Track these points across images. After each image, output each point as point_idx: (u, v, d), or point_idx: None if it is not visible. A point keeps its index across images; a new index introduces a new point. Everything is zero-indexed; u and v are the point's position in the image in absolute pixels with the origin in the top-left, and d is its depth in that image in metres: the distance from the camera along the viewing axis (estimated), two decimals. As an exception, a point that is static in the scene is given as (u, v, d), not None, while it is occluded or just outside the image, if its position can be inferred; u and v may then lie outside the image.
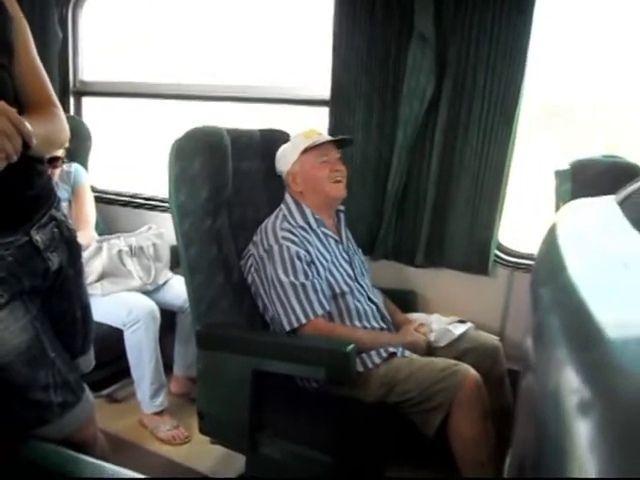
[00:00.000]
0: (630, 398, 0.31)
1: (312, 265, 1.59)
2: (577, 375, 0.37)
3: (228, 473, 1.80)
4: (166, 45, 2.64)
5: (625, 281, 0.49)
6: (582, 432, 0.31)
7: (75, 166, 2.31)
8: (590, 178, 1.22)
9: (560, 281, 0.52)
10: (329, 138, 1.71)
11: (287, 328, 1.56)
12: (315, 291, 1.55)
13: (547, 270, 0.61)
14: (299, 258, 1.56)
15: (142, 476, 0.95)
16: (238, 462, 1.75)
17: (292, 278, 1.55)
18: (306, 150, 1.69)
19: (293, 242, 1.59)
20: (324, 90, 2.07)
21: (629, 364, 0.34)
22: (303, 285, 1.54)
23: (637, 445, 0.28)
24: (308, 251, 1.59)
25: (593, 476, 0.28)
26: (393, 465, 1.70)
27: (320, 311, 1.55)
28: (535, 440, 0.42)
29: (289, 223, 1.65)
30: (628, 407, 0.31)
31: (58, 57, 2.59)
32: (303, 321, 1.54)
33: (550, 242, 0.68)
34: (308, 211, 1.69)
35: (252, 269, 1.65)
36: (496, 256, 1.96)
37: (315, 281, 1.56)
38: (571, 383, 0.36)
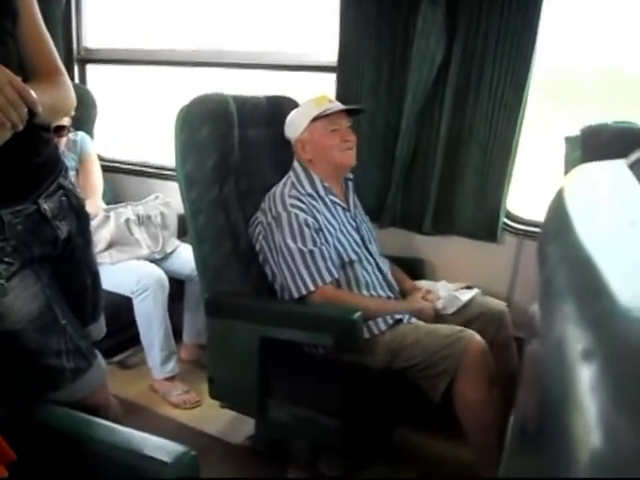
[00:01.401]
0: (633, 343, 0.32)
1: (320, 232, 1.59)
2: (581, 324, 0.37)
3: (238, 435, 1.85)
4: (171, 11, 2.59)
5: (632, 238, 0.49)
6: (584, 377, 0.31)
7: (81, 135, 2.30)
8: (600, 144, 1.21)
9: (567, 239, 0.53)
10: (341, 107, 1.67)
11: (295, 295, 1.57)
12: (323, 258, 1.56)
13: (554, 229, 0.61)
14: (307, 225, 1.56)
15: (155, 437, 0.97)
16: (247, 425, 1.80)
17: (300, 245, 1.55)
18: (316, 118, 1.66)
19: (301, 209, 1.58)
20: (331, 56, 2.03)
21: (633, 314, 0.35)
22: (311, 252, 1.55)
23: (638, 386, 0.28)
24: (316, 218, 1.59)
25: (593, 419, 0.28)
26: (400, 428, 1.73)
27: (328, 278, 1.56)
28: (539, 391, 0.42)
29: (297, 191, 1.64)
30: (630, 351, 0.31)
31: (61, 23, 2.56)
32: (311, 288, 1.55)
33: (558, 203, 0.67)
34: (317, 179, 1.69)
35: (260, 236, 1.65)
36: (504, 224, 1.95)
37: (323, 248, 1.57)
38: (575, 332, 0.37)
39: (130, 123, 2.93)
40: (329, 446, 1.66)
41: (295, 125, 1.71)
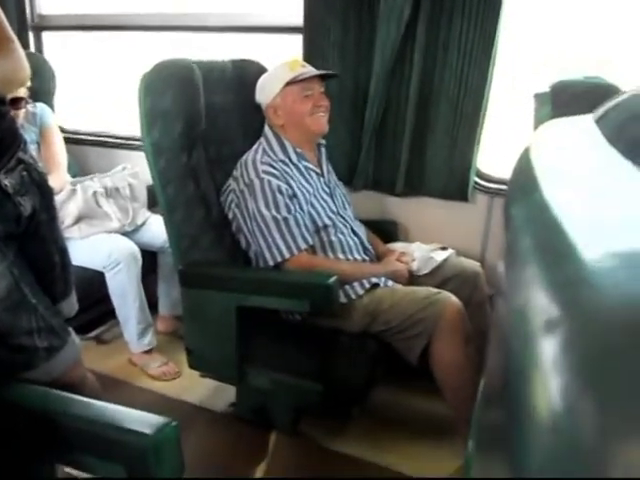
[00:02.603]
0: (598, 313, 0.30)
1: (294, 199, 1.57)
2: (546, 293, 0.35)
3: (219, 403, 1.86)
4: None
5: (598, 197, 0.47)
6: (546, 351, 0.30)
7: (40, 106, 2.21)
8: (570, 100, 1.20)
9: (532, 199, 0.51)
10: (314, 72, 1.63)
11: (270, 263, 1.56)
12: (298, 225, 1.55)
13: (520, 189, 0.60)
14: (280, 192, 1.55)
15: (134, 410, 0.97)
16: (228, 393, 1.81)
17: (274, 212, 1.53)
18: (289, 83, 1.62)
19: (274, 176, 1.56)
20: (296, 17, 1.98)
21: (600, 279, 0.33)
22: (285, 219, 1.54)
23: (602, 362, 0.27)
24: (289, 185, 1.57)
25: (554, 395, 0.27)
26: (378, 387, 1.77)
27: (303, 245, 1.55)
28: (501, 362, 0.41)
29: (269, 157, 1.62)
30: (595, 323, 0.30)
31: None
32: (287, 256, 1.54)
33: (524, 162, 0.66)
34: (289, 145, 1.66)
35: (233, 204, 1.63)
36: (475, 183, 1.96)
37: (297, 215, 1.56)
38: (539, 301, 0.35)
39: (91, 92, 2.83)
40: (310, 408, 1.69)
41: (267, 90, 1.67)
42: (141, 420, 0.93)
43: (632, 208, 0.43)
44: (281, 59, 1.69)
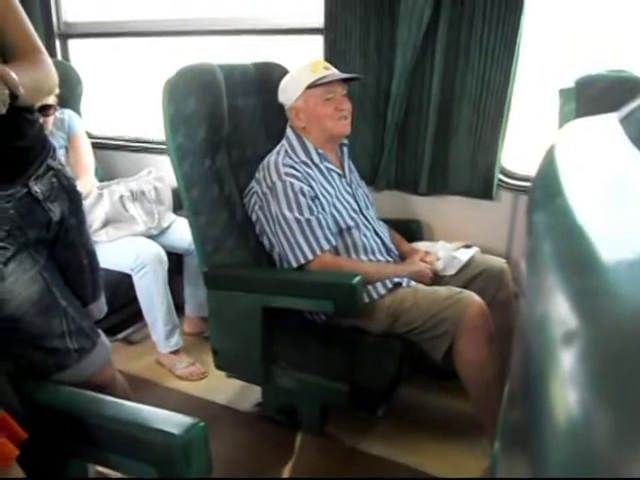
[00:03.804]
0: (616, 324, 0.30)
1: (316, 200, 1.58)
2: (565, 302, 0.35)
3: (246, 403, 1.88)
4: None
5: (623, 204, 0.46)
6: (564, 363, 0.30)
7: (68, 112, 2.26)
8: (595, 95, 1.18)
9: (555, 205, 0.50)
10: (337, 76, 1.62)
11: (294, 264, 1.57)
12: (320, 226, 1.55)
13: (543, 193, 0.59)
14: (303, 194, 1.55)
15: (162, 410, 0.98)
16: (254, 393, 1.83)
17: (297, 214, 1.54)
18: (310, 86, 1.62)
19: (296, 177, 1.57)
20: (317, 18, 1.98)
21: (622, 289, 0.32)
22: (308, 221, 1.54)
23: (617, 375, 0.27)
24: (311, 186, 1.58)
25: (572, 408, 0.27)
26: (403, 388, 1.76)
27: (326, 246, 1.56)
28: (522, 370, 0.41)
29: (291, 159, 1.63)
30: (614, 335, 0.29)
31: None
32: (310, 257, 1.55)
33: (547, 164, 0.65)
34: (311, 146, 1.66)
35: (256, 207, 1.64)
36: (500, 180, 1.94)
37: (320, 216, 1.56)
38: (558, 311, 0.35)
39: (118, 97, 2.88)
40: (336, 408, 1.70)
41: (289, 92, 1.67)
42: (169, 420, 0.94)
43: None
44: (303, 60, 1.70)
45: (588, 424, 0.25)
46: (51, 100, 2.05)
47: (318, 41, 2.01)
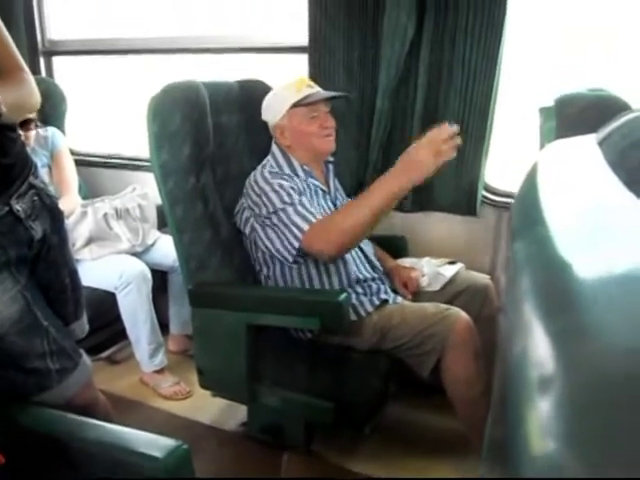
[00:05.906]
0: (597, 370, 0.29)
1: (303, 197, 1.55)
2: (543, 343, 0.34)
3: (231, 423, 1.86)
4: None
5: (603, 234, 0.46)
6: (542, 409, 0.29)
7: (52, 130, 2.25)
8: (575, 115, 1.20)
9: (535, 233, 0.49)
10: (321, 95, 1.62)
11: (295, 244, 1.49)
12: (310, 204, 1.53)
13: (523, 221, 0.58)
14: (292, 189, 1.53)
15: (145, 433, 0.97)
16: (240, 412, 1.81)
17: (287, 199, 1.51)
18: (295, 105, 1.61)
19: (284, 179, 1.56)
20: (301, 36, 2.00)
21: (602, 329, 0.32)
22: (300, 200, 1.51)
23: (593, 425, 0.26)
24: (298, 187, 1.56)
25: (550, 455, 0.26)
26: (390, 405, 1.75)
27: (312, 219, 1.48)
28: (502, 409, 0.40)
29: (277, 173, 1.62)
30: (592, 381, 0.29)
31: (23, 16, 2.48)
32: (305, 227, 1.47)
33: (527, 189, 0.65)
34: (296, 163, 1.66)
35: (251, 219, 1.61)
36: (484, 196, 1.96)
37: (306, 198, 1.55)
38: (536, 352, 0.33)
39: (101, 115, 2.87)
40: (322, 426, 1.68)
41: (273, 110, 1.67)
42: (152, 443, 0.93)
43: (633, 253, 0.41)
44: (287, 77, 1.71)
45: (568, 472, 0.25)
46: (31, 115, 2.04)
47: (303, 59, 2.02)
